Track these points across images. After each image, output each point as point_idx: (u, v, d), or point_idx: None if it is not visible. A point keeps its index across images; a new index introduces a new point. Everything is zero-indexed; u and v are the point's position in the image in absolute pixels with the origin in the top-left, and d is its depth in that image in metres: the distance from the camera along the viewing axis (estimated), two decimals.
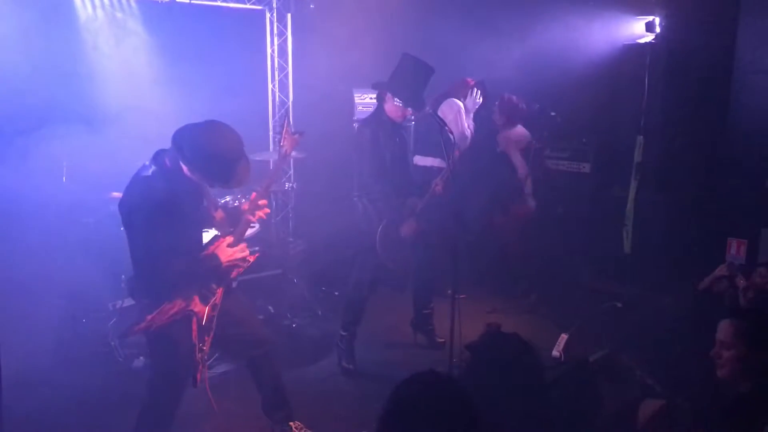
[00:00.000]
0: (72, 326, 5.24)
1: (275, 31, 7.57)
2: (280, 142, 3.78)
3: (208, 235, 3.71)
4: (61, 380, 4.65)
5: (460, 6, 7.37)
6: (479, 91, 6.12)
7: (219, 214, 3.72)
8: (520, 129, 6.60)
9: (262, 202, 3.73)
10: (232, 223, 3.74)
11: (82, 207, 5.26)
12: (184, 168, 3.40)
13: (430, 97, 5.97)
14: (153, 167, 3.39)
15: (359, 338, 5.34)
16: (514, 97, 6.54)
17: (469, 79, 6.24)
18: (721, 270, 4.60)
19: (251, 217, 3.70)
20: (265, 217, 3.81)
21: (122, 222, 3.44)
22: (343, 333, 5.25)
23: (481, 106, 6.27)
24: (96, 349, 5.12)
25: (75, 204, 5.24)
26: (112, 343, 5.10)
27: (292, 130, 3.80)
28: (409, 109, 5.00)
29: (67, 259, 5.02)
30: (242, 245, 3.64)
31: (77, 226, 5.16)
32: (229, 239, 3.61)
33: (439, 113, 6.70)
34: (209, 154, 3.33)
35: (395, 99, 4.91)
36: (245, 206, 3.80)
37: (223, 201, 5.32)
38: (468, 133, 6.03)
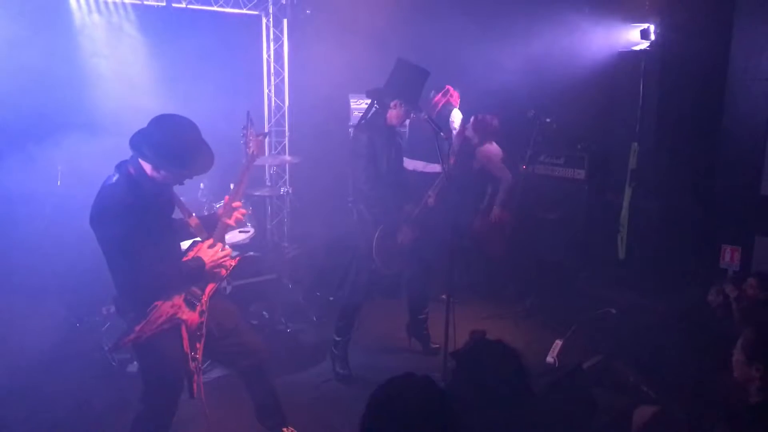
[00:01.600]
0: (66, 330, 5.22)
1: (271, 36, 7.58)
2: (246, 143, 3.78)
3: (186, 244, 3.71)
4: (55, 385, 4.64)
5: (456, 13, 7.39)
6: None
7: (194, 221, 3.69)
8: (494, 146, 6.63)
9: (235, 204, 3.73)
10: (209, 229, 3.72)
11: (76, 211, 5.25)
12: (148, 170, 3.39)
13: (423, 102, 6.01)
14: (117, 175, 3.38)
15: (354, 344, 5.34)
16: (488, 116, 6.58)
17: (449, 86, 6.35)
18: (712, 294, 4.62)
19: (228, 220, 3.70)
20: (242, 218, 3.80)
21: (96, 237, 3.38)
22: (338, 338, 5.25)
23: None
24: (90, 353, 5.10)
25: (69, 208, 5.22)
26: (106, 348, 5.09)
27: (255, 132, 3.81)
28: (411, 113, 5.02)
29: (60, 264, 5.02)
30: (221, 245, 3.64)
31: (71, 231, 5.15)
32: (209, 241, 3.61)
33: (451, 120, 6.74)
34: (166, 141, 3.33)
35: (401, 105, 4.90)
36: (220, 210, 3.80)
37: (218, 206, 5.32)
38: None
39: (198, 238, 3.66)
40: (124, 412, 3.75)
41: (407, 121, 6.21)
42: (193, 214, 3.72)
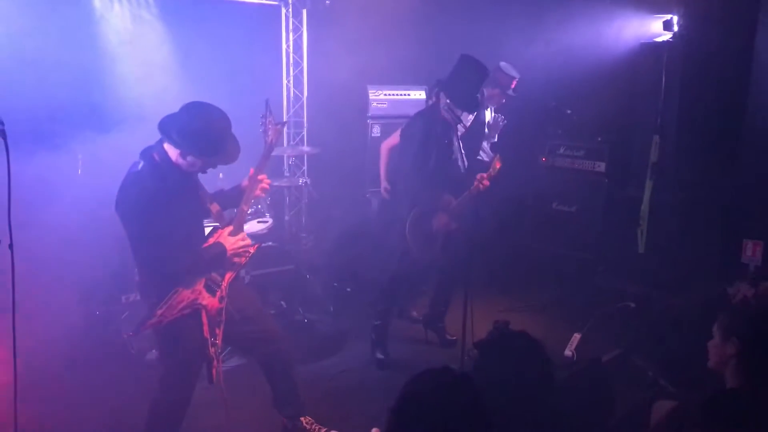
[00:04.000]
0: (85, 319, 5.26)
1: (290, 26, 7.58)
2: (265, 131, 3.79)
3: (206, 229, 3.76)
4: (75, 373, 4.68)
5: (476, 3, 7.35)
6: None
7: (215, 207, 3.73)
8: None
9: (261, 176, 3.75)
10: (234, 204, 3.78)
11: (96, 200, 5.29)
12: (174, 157, 3.42)
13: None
14: (142, 162, 3.41)
15: (368, 337, 5.36)
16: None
17: None
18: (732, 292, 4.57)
19: (245, 207, 3.72)
20: (268, 187, 3.83)
21: (121, 223, 3.44)
22: (377, 323, 5.32)
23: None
24: (109, 341, 5.14)
25: (90, 197, 5.26)
26: (125, 336, 5.13)
27: (274, 120, 3.81)
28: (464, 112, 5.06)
29: (81, 252, 5.06)
30: (243, 234, 3.68)
31: (92, 219, 5.19)
32: (229, 228, 3.65)
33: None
34: (197, 128, 3.36)
35: (447, 100, 4.92)
36: (245, 182, 3.81)
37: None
38: None
39: (218, 224, 3.69)
40: (142, 400, 3.77)
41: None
42: (215, 201, 3.75)
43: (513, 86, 6.54)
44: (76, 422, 4.20)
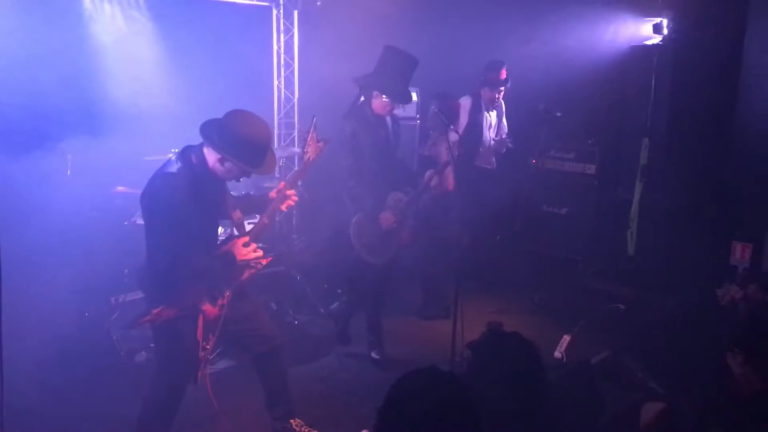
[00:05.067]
0: (74, 320, 5.23)
1: (282, 27, 7.57)
2: (304, 148, 3.79)
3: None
4: (63, 374, 4.65)
5: (467, 5, 7.36)
6: None
7: (237, 215, 3.73)
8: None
9: (289, 192, 3.76)
10: (256, 212, 3.81)
11: (86, 201, 5.27)
12: (212, 162, 3.42)
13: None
14: (179, 164, 3.40)
15: (360, 337, 5.35)
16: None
17: None
18: (722, 291, 4.59)
19: (266, 220, 3.75)
20: (293, 204, 3.83)
21: (142, 214, 3.49)
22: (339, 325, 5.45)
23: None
24: (98, 343, 5.12)
25: (79, 198, 5.24)
26: (114, 338, 5.11)
27: (318, 137, 3.79)
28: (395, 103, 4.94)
29: (70, 253, 5.03)
30: (255, 246, 3.67)
31: (81, 220, 5.17)
32: (245, 239, 3.64)
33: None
34: (242, 136, 3.36)
35: (383, 96, 4.85)
36: (273, 194, 3.80)
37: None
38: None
39: (235, 233, 3.69)
40: (131, 401, 3.76)
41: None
42: (238, 209, 3.75)
43: (503, 76, 6.52)
44: (65, 423, 4.18)
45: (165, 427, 3.68)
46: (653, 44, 6.90)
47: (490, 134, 6.80)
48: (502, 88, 6.57)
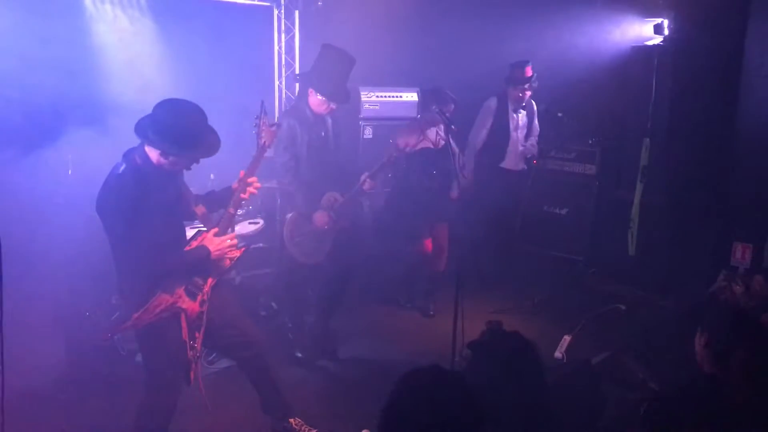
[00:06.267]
0: (75, 320, 5.24)
1: (283, 27, 7.56)
2: (258, 133, 3.76)
3: (191, 232, 3.73)
4: (63, 374, 4.66)
5: (467, 6, 7.35)
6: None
7: (200, 209, 3.68)
8: None
9: (251, 179, 3.71)
10: (222, 206, 3.74)
11: (87, 200, 5.26)
12: (155, 158, 3.39)
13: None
14: (123, 165, 3.39)
15: (357, 335, 5.36)
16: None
17: None
18: (721, 279, 4.59)
19: (243, 195, 3.68)
20: (256, 192, 3.76)
21: (102, 224, 3.41)
22: (289, 324, 5.40)
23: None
24: (98, 343, 5.12)
25: (80, 196, 5.24)
26: (115, 338, 5.11)
27: (269, 122, 3.79)
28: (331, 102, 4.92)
29: (70, 253, 5.03)
30: (230, 234, 3.64)
31: (82, 219, 5.16)
32: (214, 230, 3.59)
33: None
34: (172, 123, 3.32)
35: (318, 94, 4.84)
36: (235, 185, 3.74)
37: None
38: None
39: (203, 228, 3.66)
40: (131, 401, 3.76)
41: None
42: (201, 203, 3.73)
43: (528, 73, 6.54)
44: (65, 423, 4.18)
45: (161, 430, 3.67)
46: (654, 45, 6.90)
47: (518, 135, 6.81)
48: (528, 86, 6.57)
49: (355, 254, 5.29)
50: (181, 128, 3.34)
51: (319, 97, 4.85)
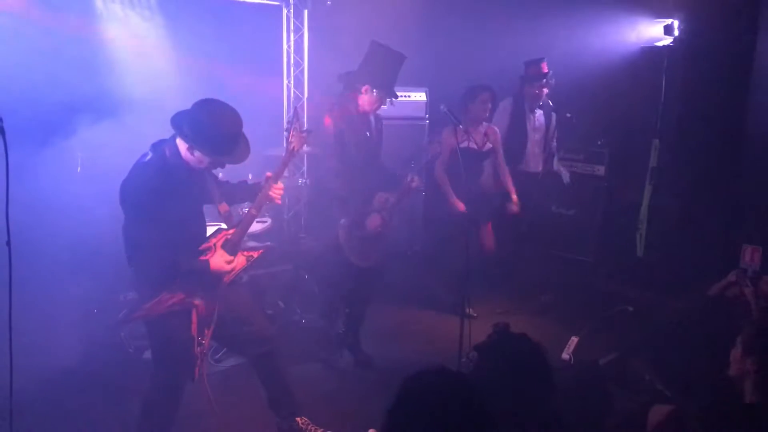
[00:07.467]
0: (83, 316, 5.26)
1: (291, 26, 7.57)
2: (288, 138, 3.78)
3: (211, 229, 3.74)
4: (72, 370, 4.67)
5: (477, 5, 7.35)
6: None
7: (224, 207, 3.71)
8: None
9: (278, 186, 3.73)
10: (245, 199, 3.81)
11: (96, 197, 5.28)
12: (184, 152, 3.41)
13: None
14: (150, 154, 3.41)
15: (368, 335, 5.35)
16: None
17: None
18: (731, 277, 4.56)
19: (254, 211, 3.70)
20: (279, 196, 3.77)
21: (121, 209, 3.43)
22: (341, 330, 5.36)
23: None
24: (107, 339, 5.14)
25: (89, 194, 5.26)
26: (122, 335, 5.13)
27: (302, 127, 3.80)
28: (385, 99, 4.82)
29: (79, 251, 5.05)
30: (231, 258, 3.61)
31: (91, 217, 5.18)
32: (232, 231, 3.62)
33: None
34: (207, 123, 3.35)
35: (373, 90, 4.72)
36: (267, 188, 3.74)
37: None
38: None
39: (224, 225, 3.67)
40: (138, 398, 3.77)
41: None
42: (224, 201, 3.73)
43: (544, 69, 6.40)
44: (73, 420, 4.20)
45: (166, 426, 3.68)
46: (664, 45, 6.88)
47: (536, 136, 6.67)
48: (545, 82, 6.43)
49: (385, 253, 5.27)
50: (217, 131, 3.37)
51: (375, 95, 4.73)
